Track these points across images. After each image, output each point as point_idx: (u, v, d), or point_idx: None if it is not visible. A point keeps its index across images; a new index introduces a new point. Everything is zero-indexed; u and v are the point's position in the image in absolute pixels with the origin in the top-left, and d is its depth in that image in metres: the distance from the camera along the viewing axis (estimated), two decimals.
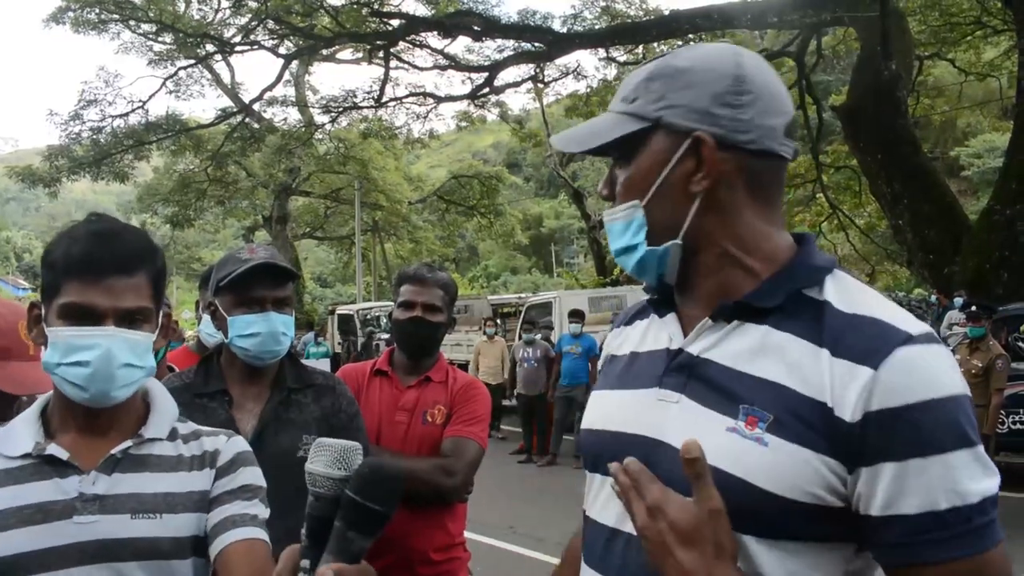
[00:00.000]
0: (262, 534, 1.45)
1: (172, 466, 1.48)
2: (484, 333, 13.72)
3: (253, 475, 1.54)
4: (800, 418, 1.04)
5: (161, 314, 1.51)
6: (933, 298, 13.88)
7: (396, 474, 1.11)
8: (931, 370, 1.01)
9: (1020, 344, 9.37)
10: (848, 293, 1.11)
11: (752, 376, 1.09)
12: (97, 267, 1.40)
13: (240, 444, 1.58)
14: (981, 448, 1.01)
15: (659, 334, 1.28)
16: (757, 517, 1.04)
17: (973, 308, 7.91)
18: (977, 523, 0.98)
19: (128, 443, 1.46)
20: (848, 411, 1.01)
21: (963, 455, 0.99)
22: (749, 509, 1.04)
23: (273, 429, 2.17)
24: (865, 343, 1.03)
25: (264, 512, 1.50)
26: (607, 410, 1.29)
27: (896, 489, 0.99)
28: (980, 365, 7.39)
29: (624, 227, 1.20)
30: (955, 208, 15.63)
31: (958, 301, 12.21)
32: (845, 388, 1.02)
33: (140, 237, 1.49)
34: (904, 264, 20.22)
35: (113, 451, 1.44)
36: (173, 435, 1.53)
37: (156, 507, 1.42)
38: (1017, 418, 8.54)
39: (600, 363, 1.47)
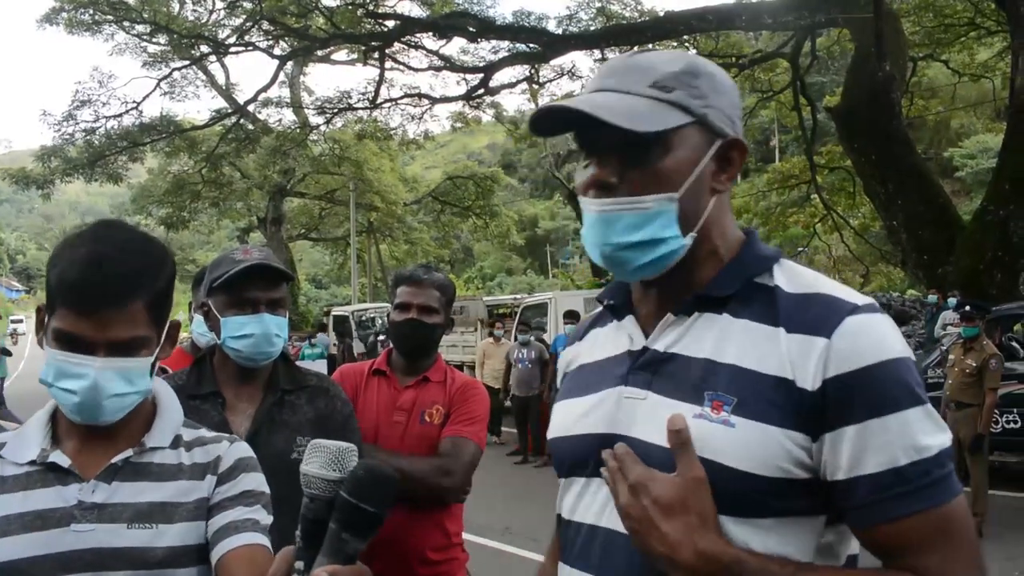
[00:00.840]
0: (263, 539, 1.45)
1: (172, 475, 1.48)
2: (491, 335, 13.61)
3: (255, 481, 1.53)
4: (764, 397, 1.09)
5: (168, 325, 1.49)
6: (932, 297, 13.88)
7: (391, 476, 1.11)
8: (879, 335, 1.09)
9: (1014, 344, 9.40)
10: (795, 277, 1.19)
11: (715, 363, 1.15)
12: (88, 299, 1.35)
13: (242, 450, 1.58)
14: (930, 406, 1.08)
15: (617, 338, 1.32)
16: (731, 497, 1.08)
17: (967, 308, 7.92)
18: (936, 476, 1.05)
19: (129, 452, 1.46)
20: (809, 381, 1.07)
21: (917, 412, 1.06)
22: (723, 490, 1.08)
23: (267, 431, 2.17)
24: (816, 316, 1.10)
25: (266, 518, 1.50)
26: (573, 416, 1.32)
27: (859, 450, 1.05)
28: (974, 365, 7.40)
29: (645, 219, 1.16)
30: (949, 209, 15.66)
31: (952, 301, 12.25)
32: (804, 359, 1.08)
33: (140, 258, 1.41)
34: (898, 265, 20.25)
35: (113, 460, 1.44)
36: (176, 442, 1.52)
37: (152, 517, 1.42)
38: (1011, 417, 8.56)
39: (559, 379, 1.47)
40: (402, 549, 2.52)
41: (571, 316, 11.79)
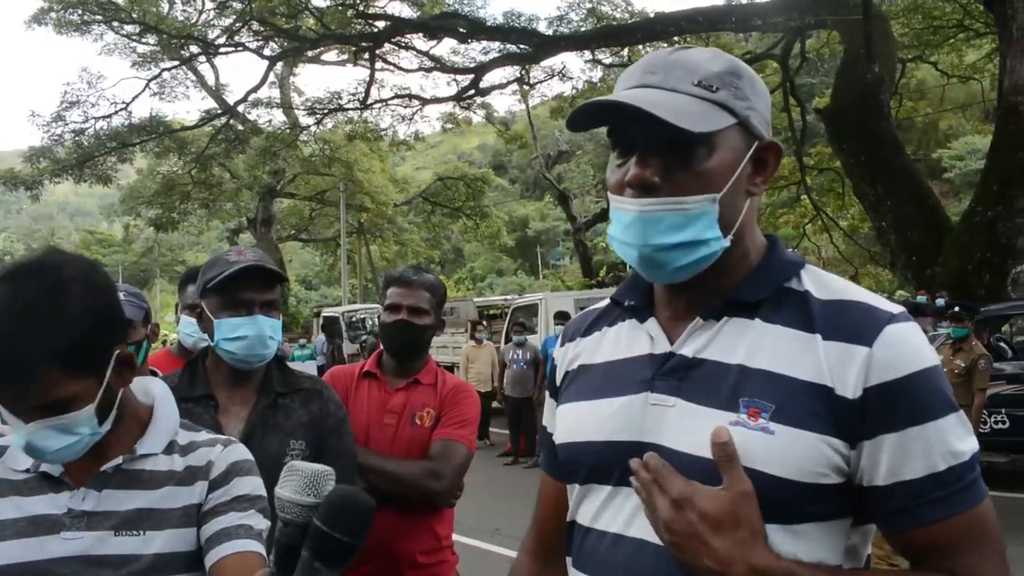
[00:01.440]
0: (256, 546, 1.43)
1: (163, 481, 1.46)
2: (473, 338, 13.53)
3: (250, 485, 1.51)
4: (801, 403, 1.08)
5: (114, 357, 1.40)
6: (921, 298, 13.92)
7: (367, 504, 1.06)
8: (916, 344, 1.10)
9: (1002, 344, 9.43)
10: (824, 283, 1.18)
11: (749, 369, 1.13)
12: None
13: (236, 453, 1.55)
14: (962, 412, 1.10)
15: (636, 340, 1.28)
16: (771, 504, 1.08)
17: (956, 309, 7.95)
18: (968, 480, 1.07)
19: (119, 460, 1.44)
20: (850, 389, 1.07)
21: (952, 419, 1.08)
22: (763, 497, 1.07)
23: (260, 434, 2.14)
24: (854, 324, 1.10)
25: (262, 523, 1.47)
26: (591, 420, 1.27)
27: (899, 457, 1.06)
28: (963, 365, 7.43)
29: (687, 220, 1.13)
30: (937, 210, 15.71)
31: (940, 302, 12.28)
32: (844, 368, 1.08)
33: (45, 320, 1.28)
34: (887, 266, 20.33)
35: (104, 467, 1.43)
36: (170, 448, 1.50)
37: (139, 523, 1.41)
38: (999, 418, 8.60)
39: (559, 378, 1.41)
40: (392, 553, 2.51)
41: (561, 317, 11.79)
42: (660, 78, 1.16)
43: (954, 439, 1.07)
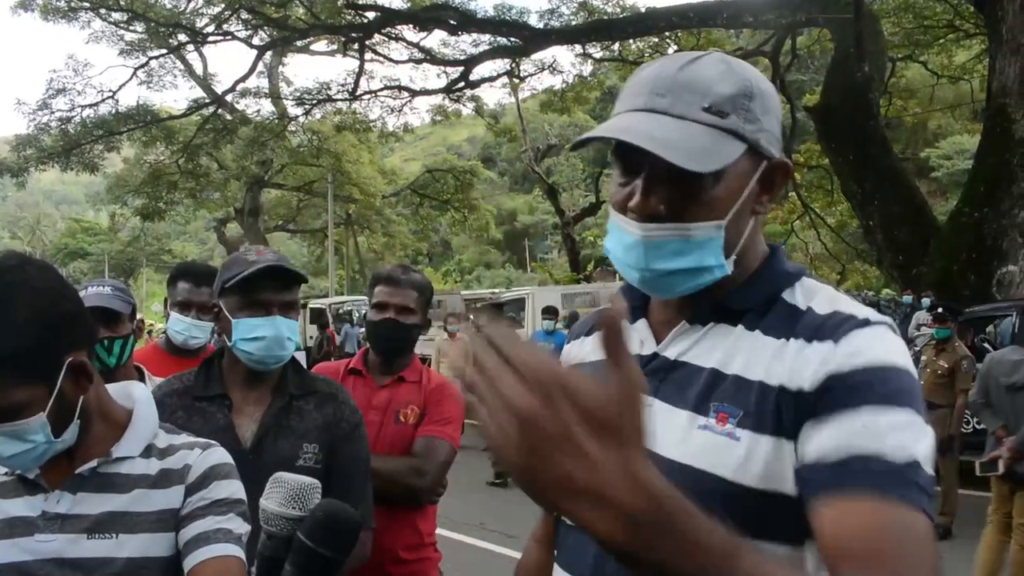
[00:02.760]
0: (235, 550, 1.40)
1: (138, 484, 1.45)
2: (446, 330, 13.39)
3: (229, 488, 1.48)
4: (768, 409, 1.05)
5: (66, 364, 1.37)
6: (906, 298, 13.97)
7: (352, 520, 1.04)
8: (888, 345, 1.03)
9: (986, 345, 9.49)
10: (815, 296, 1.15)
11: (724, 374, 1.12)
12: None
13: (214, 457, 1.52)
14: (921, 418, 0.99)
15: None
16: (741, 516, 0.99)
17: (940, 310, 7.98)
18: (912, 480, 0.94)
19: (94, 463, 1.43)
20: (807, 381, 1.02)
21: (900, 414, 0.97)
22: (731, 508, 0.99)
23: (273, 436, 2.12)
24: (829, 328, 1.06)
25: (241, 527, 1.44)
26: None
27: (826, 436, 0.98)
28: (946, 366, 7.46)
29: (691, 246, 1.11)
30: (924, 209, 15.80)
31: (925, 302, 12.36)
32: (806, 363, 1.04)
33: None
34: (874, 264, 20.43)
35: (79, 470, 1.42)
36: (148, 452, 1.49)
37: (112, 527, 1.40)
38: None
39: None
40: (374, 549, 2.50)
41: (548, 312, 11.79)
42: (668, 102, 1.11)
43: (909, 438, 0.95)
